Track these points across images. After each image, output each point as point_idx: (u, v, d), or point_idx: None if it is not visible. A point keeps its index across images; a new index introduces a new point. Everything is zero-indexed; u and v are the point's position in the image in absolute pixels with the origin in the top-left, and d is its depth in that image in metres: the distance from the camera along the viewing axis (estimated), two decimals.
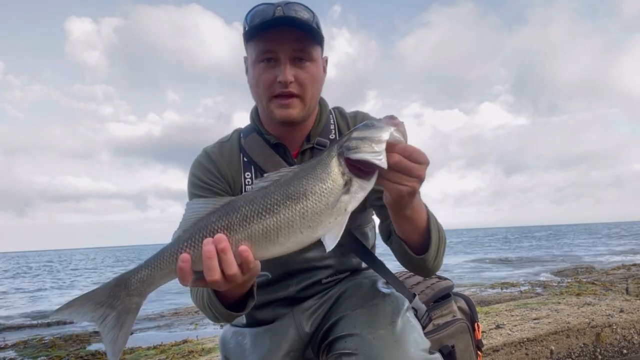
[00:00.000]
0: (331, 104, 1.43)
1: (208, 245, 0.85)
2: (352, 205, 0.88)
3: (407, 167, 0.89)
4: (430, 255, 1.12)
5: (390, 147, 0.88)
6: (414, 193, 0.95)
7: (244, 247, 0.86)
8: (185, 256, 0.85)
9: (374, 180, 0.89)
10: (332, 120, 1.38)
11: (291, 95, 1.20)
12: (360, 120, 1.37)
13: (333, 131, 1.36)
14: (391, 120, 0.90)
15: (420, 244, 1.12)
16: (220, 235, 0.86)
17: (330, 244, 0.87)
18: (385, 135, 0.87)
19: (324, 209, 0.87)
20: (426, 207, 1.11)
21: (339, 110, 1.42)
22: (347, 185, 0.87)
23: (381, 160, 0.86)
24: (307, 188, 0.87)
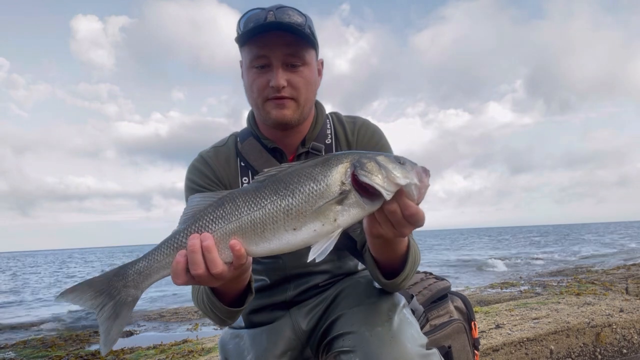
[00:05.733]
0: (343, 99, 1.41)
1: (193, 239, 0.87)
2: (344, 219, 0.85)
3: (397, 220, 0.88)
4: (397, 282, 1.12)
5: (398, 195, 0.85)
6: (385, 238, 0.94)
7: (235, 241, 0.87)
8: (181, 253, 0.87)
9: (375, 205, 0.86)
10: (328, 125, 1.38)
11: (285, 98, 1.20)
12: (360, 127, 1.38)
13: (329, 136, 1.36)
14: (421, 173, 0.86)
15: (391, 269, 1.12)
16: (206, 234, 0.87)
17: (312, 253, 0.85)
18: (403, 180, 0.84)
19: (309, 211, 0.85)
20: (409, 238, 1.09)
21: (336, 116, 1.42)
22: (342, 195, 0.85)
23: (387, 194, 0.83)
24: (297, 185, 0.86)
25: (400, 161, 0.86)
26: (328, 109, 1.44)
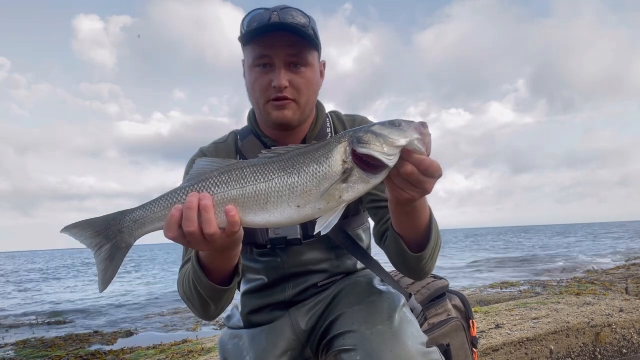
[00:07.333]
0: (345, 99, 1.41)
1: (192, 197, 0.88)
2: (349, 195, 0.87)
3: (416, 179, 0.87)
4: (425, 255, 1.10)
5: (407, 155, 0.85)
6: (413, 201, 0.94)
7: (231, 207, 0.88)
8: (177, 207, 0.89)
9: (380, 177, 0.87)
10: (328, 124, 1.39)
11: (286, 99, 1.20)
12: (359, 123, 1.38)
13: (330, 134, 1.37)
14: (419, 127, 0.86)
15: (416, 242, 1.10)
16: (206, 194, 0.89)
17: (319, 226, 0.88)
18: (403, 141, 0.84)
19: (314, 190, 0.87)
20: (429, 208, 1.09)
21: (336, 114, 1.44)
22: (346, 174, 0.86)
23: (390, 160, 0.84)
24: (303, 166, 0.88)
25: (396, 124, 0.87)
26: (330, 108, 1.45)
